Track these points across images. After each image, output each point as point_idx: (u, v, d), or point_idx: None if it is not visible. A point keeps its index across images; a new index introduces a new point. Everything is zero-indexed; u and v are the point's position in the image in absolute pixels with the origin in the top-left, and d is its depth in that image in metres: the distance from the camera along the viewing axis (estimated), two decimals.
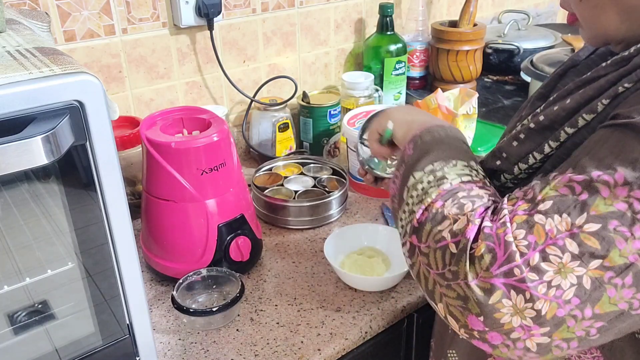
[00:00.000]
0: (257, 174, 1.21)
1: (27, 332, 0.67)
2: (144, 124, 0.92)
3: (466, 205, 0.54)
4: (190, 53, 1.26)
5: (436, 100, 1.18)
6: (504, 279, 0.49)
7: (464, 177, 0.58)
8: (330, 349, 0.83)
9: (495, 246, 0.50)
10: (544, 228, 0.49)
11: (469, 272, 0.50)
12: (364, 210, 1.17)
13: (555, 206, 0.49)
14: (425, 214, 0.56)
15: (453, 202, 0.55)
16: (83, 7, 1.09)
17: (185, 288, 0.90)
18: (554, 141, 0.57)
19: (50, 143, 0.53)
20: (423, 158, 0.61)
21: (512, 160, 0.61)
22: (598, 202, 0.47)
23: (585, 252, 0.47)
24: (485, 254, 0.50)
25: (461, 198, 0.55)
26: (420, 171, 0.60)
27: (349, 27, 1.51)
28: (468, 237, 0.52)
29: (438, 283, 0.53)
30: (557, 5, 2.17)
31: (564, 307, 0.48)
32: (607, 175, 0.48)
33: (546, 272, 0.48)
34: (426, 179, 0.59)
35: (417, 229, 0.56)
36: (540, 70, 1.42)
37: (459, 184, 0.57)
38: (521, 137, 0.61)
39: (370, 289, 0.93)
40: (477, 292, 0.50)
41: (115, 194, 0.62)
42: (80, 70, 0.56)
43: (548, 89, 0.70)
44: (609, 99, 0.53)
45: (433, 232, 0.54)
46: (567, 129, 0.56)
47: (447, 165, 0.59)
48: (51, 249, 0.65)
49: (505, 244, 0.49)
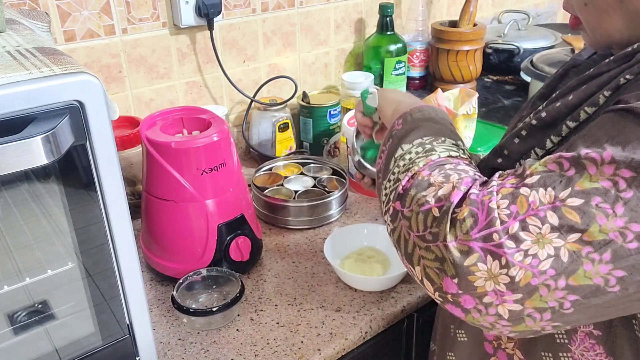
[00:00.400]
0: (257, 174, 1.21)
1: (27, 332, 0.67)
2: (144, 124, 0.92)
3: (452, 175, 0.56)
4: (190, 53, 1.26)
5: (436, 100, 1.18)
6: (482, 243, 0.50)
7: (452, 152, 0.60)
8: (330, 349, 0.83)
9: (479, 211, 0.51)
10: (527, 199, 0.49)
11: (449, 234, 0.51)
12: (364, 210, 1.17)
13: (541, 180, 0.50)
14: (411, 181, 0.57)
15: (440, 172, 0.56)
16: (83, 7, 1.09)
17: (185, 288, 0.90)
18: (556, 136, 0.57)
19: (50, 143, 0.53)
20: (412, 132, 0.63)
21: (514, 157, 0.62)
22: (584, 178, 0.48)
23: (565, 225, 0.48)
24: (468, 217, 0.51)
25: (448, 170, 0.57)
26: (408, 144, 0.62)
27: (349, 27, 1.51)
28: (452, 200, 0.53)
29: (417, 245, 0.54)
30: (557, 5, 2.17)
31: (538, 277, 0.48)
32: (595, 153, 0.48)
33: (524, 241, 0.48)
34: (414, 150, 0.60)
35: (402, 195, 0.57)
36: (540, 70, 1.42)
37: (447, 157, 0.59)
38: (523, 134, 0.61)
39: (370, 289, 0.93)
40: (455, 254, 0.51)
41: (115, 194, 0.62)
42: (80, 70, 0.56)
43: (549, 89, 0.70)
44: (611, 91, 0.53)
45: (417, 196, 0.55)
46: (569, 123, 0.56)
47: (436, 141, 0.61)
48: (51, 249, 0.65)
49: (488, 210, 0.50)
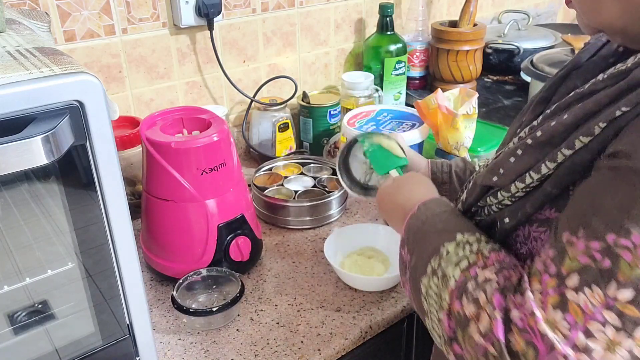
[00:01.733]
0: (257, 174, 1.21)
1: (27, 332, 0.67)
2: (144, 124, 0.92)
3: (480, 297, 0.54)
4: (190, 53, 1.26)
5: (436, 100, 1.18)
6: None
7: (462, 263, 0.58)
8: (330, 349, 0.83)
9: (533, 338, 0.49)
10: (579, 305, 0.48)
11: None
12: (364, 210, 1.17)
13: (582, 279, 0.48)
14: (451, 320, 0.56)
15: (467, 299, 0.55)
16: (83, 7, 1.09)
17: (185, 288, 0.90)
18: (551, 162, 0.56)
19: (50, 143, 0.53)
20: (419, 261, 0.62)
21: (510, 177, 0.60)
22: (622, 267, 0.47)
23: (627, 322, 0.47)
24: (527, 349, 0.49)
25: (472, 291, 0.55)
26: (424, 275, 0.61)
27: (349, 27, 1.51)
28: (499, 337, 0.51)
29: None
30: (557, 5, 2.16)
31: None
32: (624, 239, 0.47)
33: (594, 350, 0.47)
34: (434, 283, 0.59)
35: (453, 338, 0.56)
36: (540, 70, 1.42)
37: (462, 275, 0.57)
38: (518, 153, 0.60)
39: (370, 289, 0.93)
40: None
41: (115, 194, 0.62)
42: (80, 70, 0.56)
43: (550, 92, 0.69)
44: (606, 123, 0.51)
45: (466, 337, 0.54)
46: (564, 151, 0.54)
47: (442, 259, 0.60)
48: (51, 249, 0.65)
49: (541, 335, 0.49)
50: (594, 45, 0.69)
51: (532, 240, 0.60)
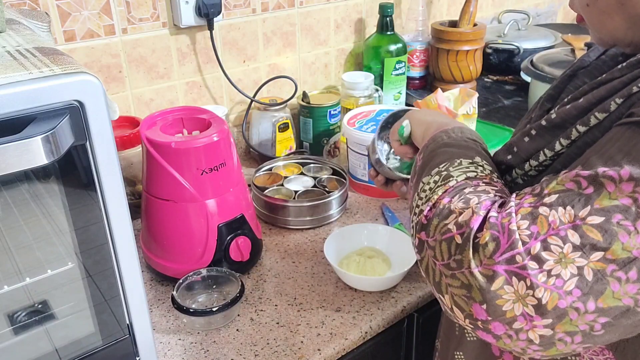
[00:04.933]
0: (257, 174, 1.21)
1: (27, 332, 0.67)
2: (144, 124, 0.92)
3: (472, 199, 0.55)
4: (190, 53, 1.26)
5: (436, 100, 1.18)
6: (506, 266, 0.50)
7: (470, 173, 0.59)
8: (330, 349, 0.83)
9: (500, 234, 0.51)
10: (547, 219, 0.49)
11: (473, 260, 0.51)
12: (364, 210, 1.17)
13: (560, 199, 0.50)
14: (433, 210, 0.57)
15: (460, 197, 0.56)
16: (83, 7, 1.09)
17: (185, 288, 0.90)
18: (565, 139, 0.57)
19: (50, 143, 0.53)
20: (430, 163, 0.63)
21: (523, 156, 0.62)
22: (603, 196, 0.48)
23: (586, 244, 0.48)
24: (490, 241, 0.51)
25: (467, 193, 0.56)
26: (427, 175, 0.62)
27: (349, 27, 1.51)
28: (472, 226, 0.53)
29: (444, 274, 0.54)
30: (557, 5, 2.17)
31: (565, 298, 0.48)
32: (613, 171, 0.48)
33: (546, 261, 0.48)
34: (432, 180, 0.60)
35: (425, 225, 0.57)
36: (540, 70, 1.42)
37: (465, 181, 0.58)
38: (532, 133, 0.62)
39: (370, 289, 0.93)
40: (480, 279, 0.51)
41: (115, 194, 0.62)
42: (80, 70, 0.56)
43: (557, 91, 0.70)
44: (623, 99, 0.53)
45: (440, 225, 0.56)
46: (579, 127, 0.56)
47: (452, 165, 0.61)
48: (51, 249, 0.65)
49: (509, 232, 0.50)
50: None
51: None
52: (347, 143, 1.23)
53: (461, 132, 0.69)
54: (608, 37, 0.60)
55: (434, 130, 0.70)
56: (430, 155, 0.65)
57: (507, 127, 1.38)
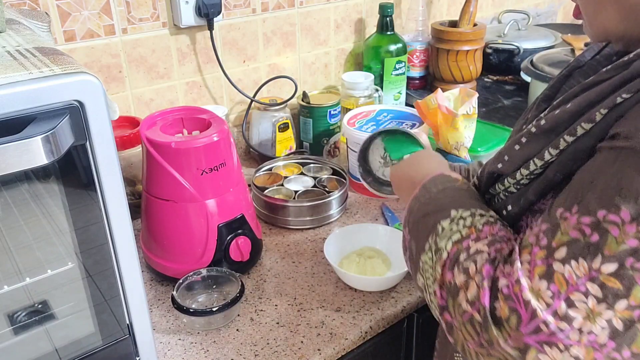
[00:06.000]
0: (257, 174, 1.21)
1: (27, 332, 0.67)
2: (144, 124, 0.92)
3: (470, 267, 0.55)
4: (190, 53, 1.26)
5: (436, 100, 1.18)
6: (535, 336, 0.50)
7: (454, 236, 0.59)
8: (330, 349, 0.83)
9: (517, 305, 0.51)
10: (563, 276, 0.49)
11: (500, 337, 0.51)
12: (364, 210, 1.17)
13: (570, 252, 0.49)
14: (443, 290, 0.58)
15: (458, 268, 0.56)
16: (83, 7, 1.09)
17: (185, 288, 0.90)
18: (554, 149, 0.57)
19: (50, 143, 0.53)
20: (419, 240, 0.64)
21: (515, 164, 0.62)
22: (610, 242, 0.48)
23: (608, 294, 0.48)
24: (510, 315, 0.51)
25: (463, 262, 0.56)
26: (422, 252, 0.62)
27: (349, 27, 1.51)
28: (485, 304, 0.53)
29: (480, 354, 0.55)
30: (557, 5, 2.17)
31: (601, 351, 0.48)
32: (613, 215, 0.48)
33: (575, 319, 0.48)
34: (428, 257, 0.61)
35: (444, 307, 0.58)
36: (540, 70, 1.42)
37: (454, 247, 0.58)
38: (523, 140, 0.61)
39: (370, 289, 0.93)
40: (514, 354, 0.51)
41: (115, 194, 0.62)
42: (80, 70, 0.56)
43: (553, 91, 0.70)
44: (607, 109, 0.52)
45: (455, 306, 0.56)
46: (567, 137, 0.56)
47: (437, 235, 0.61)
48: (51, 249, 0.65)
49: (524, 303, 0.50)
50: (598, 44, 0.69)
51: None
52: (347, 143, 1.23)
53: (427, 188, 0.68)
54: (600, 30, 0.60)
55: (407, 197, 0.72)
56: (414, 230, 0.65)
57: (507, 127, 1.38)
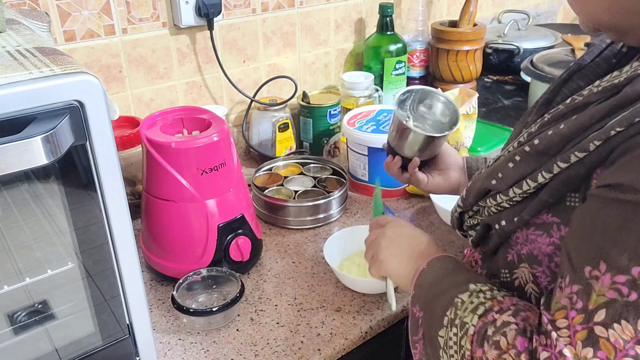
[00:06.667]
0: (257, 174, 1.21)
1: (27, 332, 0.67)
2: (144, 124, 0.92)
3: (501, 341, 0.54)
4: (190, 53, 1.26)
5: None
6: None
7: (479, 310, 0.59)
8: (330, 349, 0.83)
9: None
10: (609, 341, 0.48)
11: None
12: (364, 210, 1.17)
13: (610, 314, 0.48)
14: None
15: (489, 344, 0.55)
16: (83, 7, 1.09)
17: (185, 288, 0.90)
18: (547, 172, 0.57)
19: (50, 143, 0.53)
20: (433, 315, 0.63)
21: (508, 182, 0.61)
22: None
23: None
24: None
25: (492, 335, 0.56)
26: (441, 328, 0.61)
27: (349, 27, 1.51)
28: None
29: None
30: (557, 5, 2.17)
31: None
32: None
33: None
34: (452, 333, 0.60)
35: None
36: (540, 70, 1.42)
37: (480, 321, 0.57)
38: (516, 159, 0.61)
39: (370, 291, 0.93)
40: None
41: (115, 194, 0.62)
42: (80, 70, 0.56)
43: (553, 94, 0.70)
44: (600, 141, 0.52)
45: None
46: (560, 164, 0.55)
47: (458, 309, 0.60)
48: (51, 249, 0.65)
49: None
50: (598, 47, 0.69)
51: (530, 242, 0.61)
52: (347, 143, 1.23)
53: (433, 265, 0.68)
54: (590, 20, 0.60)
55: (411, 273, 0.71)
56: (428, 306, 0.65)
57: (507, 127, 1.38)
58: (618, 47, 0.66)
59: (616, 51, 0.66)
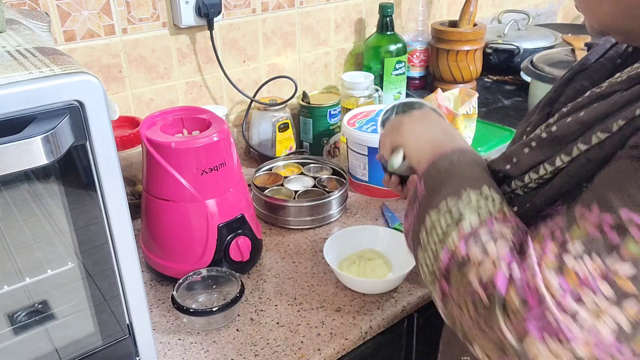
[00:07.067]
0: (257, 174, 1.21)
1: (27, 332, 0.67)
2: (144, 124, 0.92)
3: (490, 248, 0.54)
4: (190, 53, 1.26)
5: (436, 100, 1.18)
6: (538, 325, 0.49)
7: (481, 211, 0.57)
8: (330, 349, 0.83)
9: (527, 293, 0.50)
10: (575, 271, 0.48)
11: (503, 322, 0.51)
12: (364, 210, 1.17)
13: (585, 248, 0.49)
14: (452, 259, 0.56)
15: (477, 244, 0.55)
16: (83, 7, 1.09)
17: (185, 288, 0.90)
18: (566, 155, 0.56)
19: (50, 143, 0.53)
20: (434, 195, 0.61)
21: (523, 168, 0.61)
22: (629, 243, 0.47)
23: (620, 295, 0.47)
24: (518, 302, 0.50)
25: (484, 240, 0.55)
26: (434, 209, 0.60)
27: (349, 27, 1.51)
28: (498, 288, 0.51)
29: (472, 329, 0.54)
30: (557, 5, 2.17)
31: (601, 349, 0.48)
32: (637, 216, 0.47)
33: (581, 316, 0.48)
34: (443, 219, 0.58)
35: (445, 275, 0.56)
36: (540, 70, 1.42)
37: (479, 223, 0.56)
38: (533, 145, 0.60)
39: (371, 291, 0.93)
40: (512, 340, 0.50)
41: (115, 194, 0.62)
42: (80, 70, 0.56)
43: (557, 94, 0.70)
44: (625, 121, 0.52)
45: (461, 278, 0.54)
46: (580, 145, 0.55)
47: (461, 200, 0.59)
48: (51, 249, 0.65)
49: (536, 291, 0.49)
50: (602, 46, 0.69)
51: None
52: (347, 143, 1.23)
53: (461, 154, 0.66)
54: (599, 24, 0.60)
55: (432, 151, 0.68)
56: (433, 185, 0.63)
57: (507, 127, 1.38)
58: (623, 48, 0.66)
59: (621, 51, 0.66)
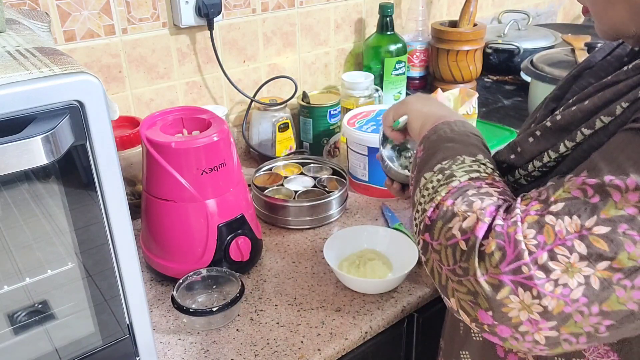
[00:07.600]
0: (257, 174, 1.21)
1: (27, 332, 0.67)
2: (144, 124, 0.92)
3: (475, 202, 0.55)
4: (190, 53, 1.26)
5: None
6: (512, 276, 0.50)
7: (472, 173, 0.59)
8: (330, 349, 0.83)
9: (505, 244, 0.51)
10: (553, 229, 0.50)
11: (479, 269, 0.52)
12: (364, 210, 1.17)
13: (566, 208, 0.50)
14: (436, 211, 0.57)
15: (463, 199, 0.56)
16: (83, 7, 1.09)
17: (185, 288, 0.90)
18: (570, 141, 0.57)
19: (50, 143, 0.53)
20: (431, 158, 0.63)
21: (527, 157, 0.62)
22: (609, 205, 0.48)
23: (593, 254, 0.48)
24: (495, 251, 0.51)
25: (471, 196, 0.56)
26: (429, 171, 0.62)
27: (349, 27, 1.51)
28: (477, 235, 0.53)
29: (450, 279, 0.55)
30: (557, 5, 2.17)
31: (571, 305, 0.49)
32: (619, 180, 0.48)
33: (553, 271, 0.49)
34: (435, 178, 0.61)
35: (429, 226, 0.58)
36: (540, 70, 1.42)
37: (468, 182, 0.58)
38: (537, 134, 0.62)
39: (371, 291, 0.93)
40: (486, 288, 0.51)
41: (115, 194, 0.62)
42: (80, 70, 0.56)
43: (563, 91, 0.70)
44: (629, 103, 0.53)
45: (444, 229, 0.56)
46: (584, 130, 0.56)
47: (455, 163, 0.61)
48: (51, 249, 0.65)
49: (515, 242, 0.51)
50: (609, 45, 0.69)
51: None
52: (347, 143, 1.23)
53: (463, 125, 0.69)
54: (611, 28, 0.60)
55: (434, 121, 0.71)
56: (432, 148, 0.65)
57: (507, 127, 1.38)
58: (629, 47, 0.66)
59: (628, 50, 0.66)
